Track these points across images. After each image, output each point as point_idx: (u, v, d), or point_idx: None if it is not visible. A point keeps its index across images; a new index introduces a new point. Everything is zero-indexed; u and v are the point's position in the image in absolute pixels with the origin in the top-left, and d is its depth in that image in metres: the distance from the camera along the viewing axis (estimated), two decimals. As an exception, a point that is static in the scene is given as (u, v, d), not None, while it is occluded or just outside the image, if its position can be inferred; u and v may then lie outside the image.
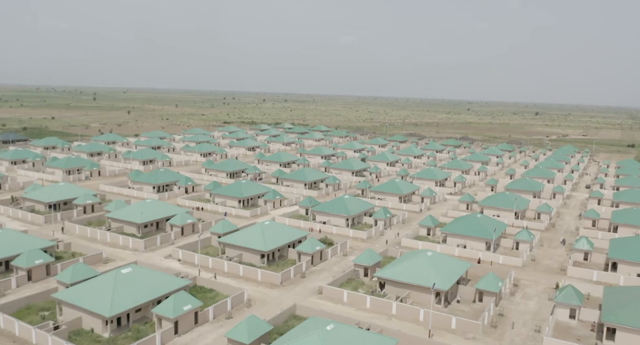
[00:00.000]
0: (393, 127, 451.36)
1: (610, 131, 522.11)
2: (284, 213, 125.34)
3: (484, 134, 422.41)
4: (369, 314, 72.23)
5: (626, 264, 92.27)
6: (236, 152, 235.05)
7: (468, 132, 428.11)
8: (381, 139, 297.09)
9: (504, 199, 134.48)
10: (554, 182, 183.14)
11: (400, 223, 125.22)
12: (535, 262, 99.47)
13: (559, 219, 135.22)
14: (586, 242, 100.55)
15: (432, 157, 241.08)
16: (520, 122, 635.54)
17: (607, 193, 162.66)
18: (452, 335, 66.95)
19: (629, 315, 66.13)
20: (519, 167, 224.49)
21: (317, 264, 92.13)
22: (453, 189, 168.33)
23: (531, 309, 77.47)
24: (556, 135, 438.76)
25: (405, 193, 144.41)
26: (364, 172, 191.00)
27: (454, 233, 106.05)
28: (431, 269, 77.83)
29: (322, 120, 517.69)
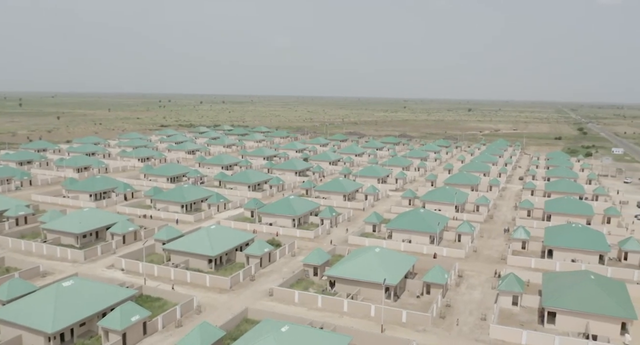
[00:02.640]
0: (333, 127, 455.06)
1: (538, 125, 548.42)
2: (229, 216, 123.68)
3: (421, 130, 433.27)
4: (321, 313, 72.46)
5: (561, 251, 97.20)
6: (176, 156, 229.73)
7: (406, 129, 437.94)
8: (322, 139, 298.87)
9: (444, 194, 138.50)
10: (489, 176, 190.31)
11: (346, 221, 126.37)
12: (477, 253, 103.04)
13: (497, 211, 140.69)
14: (523, 231, 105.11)
15: (372, 154, 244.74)
16: (454, 118, 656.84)
17: (539, 184, 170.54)
18: (403, 329, 68.24)
19: (567, 299, 69.70)
20: (456, 161, 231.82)
21: (266, 266, 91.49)
22: (395, 185, 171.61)
23: (476, 298, 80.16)
24: (489, 130, 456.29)
25: (349, 191, 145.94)
26: (307, 172, 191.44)
27: (398, 228, 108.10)
28: (380, 265, 79.03)
29: (261, 121, 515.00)
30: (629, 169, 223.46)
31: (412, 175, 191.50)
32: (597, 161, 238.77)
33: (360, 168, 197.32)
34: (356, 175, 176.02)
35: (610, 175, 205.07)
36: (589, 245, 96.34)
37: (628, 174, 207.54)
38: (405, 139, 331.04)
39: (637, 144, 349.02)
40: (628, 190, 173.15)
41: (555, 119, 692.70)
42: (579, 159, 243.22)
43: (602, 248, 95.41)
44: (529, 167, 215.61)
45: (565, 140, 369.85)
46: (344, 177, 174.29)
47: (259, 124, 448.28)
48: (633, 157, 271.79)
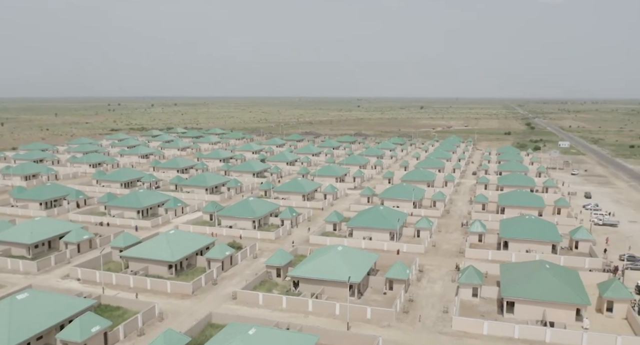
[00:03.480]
0: (289, 127, 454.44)
1: (488, 121, 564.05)
2: (188, 220, 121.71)
3: (375, 129, 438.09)
4: (286, 314, 72.27)
5: (516, 242, 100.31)
6: (129, 161, 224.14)
7: (361, 128, 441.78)
8: (278, 139, 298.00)
9: (402, 190, 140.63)
10: (444, 171, 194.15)
11: (306, 221, 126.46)
12: (436, 247, 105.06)
13: (453, 205, 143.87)
14: (479, 224, 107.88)
15: (329, 154, 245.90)
16: (407, 116, 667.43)
17: (492, 178, 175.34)
18: (368, 325, 68.90)
19: (524, 288, 72.00)
20: (411, 158, 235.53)
21: (228, 270, 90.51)
22: (353, 183, 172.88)
23: (437, 291, 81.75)
24: (441, 127, 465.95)
25: (308, 191, 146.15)
26: (264, 173, 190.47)
27: (359, 226, 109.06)
28: (343, 263, 79.51)
29: (215, 122, 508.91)
30: (575, 161, 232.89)
31: (369, 173, 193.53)
32: (546, 155, 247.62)
33: (317, 167, 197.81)
34: (314, 175, 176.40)
35: (558, 167, 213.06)
36: (542, 236, 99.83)
37: (575, 166, 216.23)
38: (360, 137, 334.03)
39: (581, 137, 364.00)
40: (575, 182, 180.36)
41: (504, 114, 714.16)
42: (528, 153, 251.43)
43: (554, 238, 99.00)
44: (482, 162, 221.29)
45: (514, 135, 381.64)
46: (302, 177, 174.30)
47: (213, 126, 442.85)
48: (578, 150, 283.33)
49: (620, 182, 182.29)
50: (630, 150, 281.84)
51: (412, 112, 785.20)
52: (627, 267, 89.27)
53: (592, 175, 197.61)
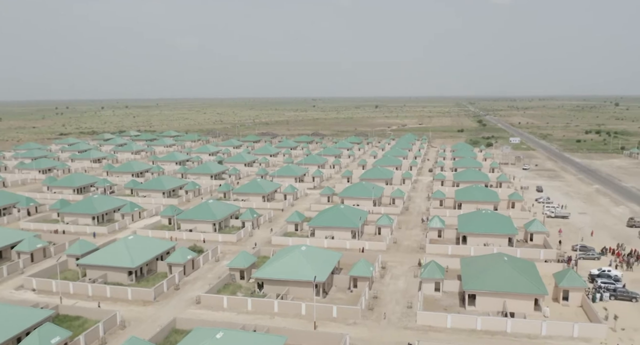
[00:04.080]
0: (244, 128, 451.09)
1: (441, 119, 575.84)
2: (146, 225, 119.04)
3: (332, 128, 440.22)
4: (252, 316, 71.70)
5: (474, 236, 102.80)
6: (80, 166, 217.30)
7: (317, 127, 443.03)
8: (235, 140, 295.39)
9: (361, 189, 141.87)
10: (401, 169, 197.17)
11: (267, 222, 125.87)
12: (397, 244, 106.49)
13: (411, 202, 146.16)
14: (438, 220, 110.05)
15: (287, 154, 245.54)
16: (362, 115, 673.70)
17: (448, 174, 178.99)
18: (335, 324, 69.19)
19: (484, 281, 73.90)
20: (369, 157, 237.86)
21: (190, 274, 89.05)
22: (312, 183, 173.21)
23: (401, 287, 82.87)
24: (396, 126, 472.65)
25: (268, 192, 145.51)
26: (222, 175, 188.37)
27: (320, 226, 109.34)
28: (307, 263, 79.52)
29: (169, 125, 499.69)
30: (526, 156, 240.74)
31: (328, 173, 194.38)
32: (498, 150, 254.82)
33: (276, 168, 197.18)
34: (273, 176, 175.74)
35: (510, 163, 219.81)
36: (498, 230, 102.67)
37: (526, 161, 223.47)
38: (318, 137, 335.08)
39: (531, 133, 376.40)
40: (527, 176, 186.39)
41: (456, 112, 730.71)
42: (481, 149, 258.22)
43: (510, 231, 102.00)
44: (437, 159, 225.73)
45: (467, 132, 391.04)
46: (261, 178, 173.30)
47: (167, 129, 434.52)
48: (529, 146, 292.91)
49: (569, 176, 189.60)
50: (577, 145, 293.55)
51: (367, 111, 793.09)
52: (579, 257, 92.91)
53: (543, 169, 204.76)
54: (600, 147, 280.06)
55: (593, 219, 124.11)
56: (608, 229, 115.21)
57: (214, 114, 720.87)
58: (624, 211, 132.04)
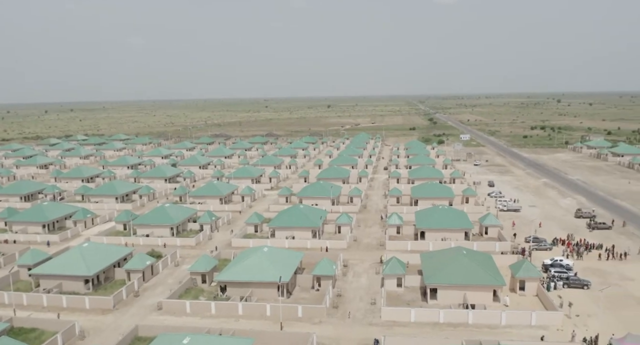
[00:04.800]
0: (197, 129, 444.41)
1: (392, 117, 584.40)
2: (100, 232, 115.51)
3: (285, 128, 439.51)
4: (216, 319, 70.81)
5: (431, 232, 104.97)
6: (26, 172, 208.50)
7: (271, 128, 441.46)
8: (188, 143, 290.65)
9: (319, 188, 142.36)
10: (357, 168, 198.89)
11: (226, 224, 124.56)
12: (357, 242, 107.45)
13: (369, 200, 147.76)
14: (397, 217, 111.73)
15: (242, 155, 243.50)
16: (315, 115, 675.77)
17: (403, 172, 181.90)
18: (301, 323, 69.24)
19: (445, 274, 75.62)
20: (324, 156, 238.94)
21: (149, 280, 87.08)
22: (269, 184, 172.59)
23: (363, 284, 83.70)
24: (349, 125, 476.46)
25: (225, 194, 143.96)
26: (177, 178, 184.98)
27: (281, 226, 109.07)
28: (270, 264, 79.23)
29: (118, 128, 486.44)
30: (477, 152, 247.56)
31: (284, 173, 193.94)
32: (449, 147, 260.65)
33: (232, 170, 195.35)
34: (230, 177, 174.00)
35: (461, 159, 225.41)
36: (455, 224, 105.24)
37: (476, 157, 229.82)
38: (272, 138, 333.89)
39: (479, 130, 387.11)
40: (478, 172, 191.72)
41: (407, 111, 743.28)
42: (434, 147, 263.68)
43: (466, 225, 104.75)
44: (391, 157, 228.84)
45: (418, 130, 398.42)
46: (217, 180, 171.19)
47: (116, 132, 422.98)
48: (478, 142, 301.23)
49: (518, 170, 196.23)
50: (523, 140, 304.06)
51: (320, 111, 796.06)
52: (533, 248, 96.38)
53: (493, 165, 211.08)
54: (546, 142, 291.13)
55: (543, 211, 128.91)
56: (557, 220, 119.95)
57: (164, 116, 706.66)
58: (571, 203, 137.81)
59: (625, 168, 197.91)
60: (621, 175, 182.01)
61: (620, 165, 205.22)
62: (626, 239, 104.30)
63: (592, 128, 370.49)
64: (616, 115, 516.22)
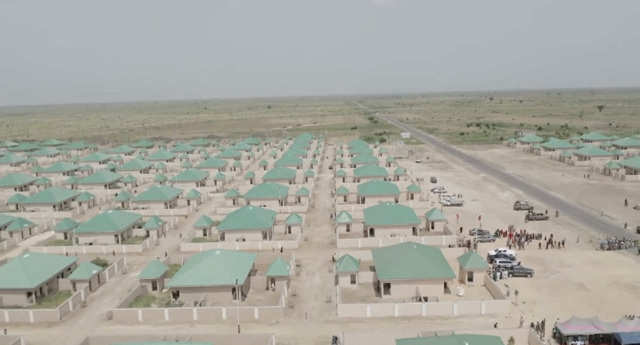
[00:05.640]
0: (134, 133, 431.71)
1: (333, 117, 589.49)
2: (39, 242, 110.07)
3: (227, 130, 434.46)
4: (170, 326, 69.28)
5: (380, 228, 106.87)
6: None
7: (212, 130, 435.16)
8: (126, 147, 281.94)
9: (267, 189, 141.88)
10: (302, 168, 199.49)
11: (173, 229, 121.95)
12: (308, 241, 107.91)
13: (316, 200, 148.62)
14: (346, 215, 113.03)
15: (184, 158, 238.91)
16: (256, 116, 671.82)
17: (348, 171, 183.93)
18: (258, 325, 68.87)
19: (397, 269, 77.25)
20: (269, 157, 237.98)
21: (96, 289, 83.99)
22: (214, 187, 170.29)
23: (317, 283, 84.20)
24: (291, 125, 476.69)
25: (170, 198, 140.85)
26: (118, 184, 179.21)
27: (230, 229, 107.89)
28: (224, 267, 78.31)
29: (50, 133, 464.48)
30: (417, 150, 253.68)
31: (229, 175, 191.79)
32: (391, 146, 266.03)
33: (175, 173, 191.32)
34: (173, 181, 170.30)
35: (404, 157, 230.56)
36: (402, 220, 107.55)
37: (418, 154, 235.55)
38: (214, 139, 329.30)
39: (419, 128, 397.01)
40: (420, 169, 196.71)
41: (348, 110, 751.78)
42: (376, 145, 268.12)
43: (413, 221, 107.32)
44: (336, 157, 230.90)
45: (360, 129, 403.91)
46: (160, 184, 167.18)
47: (47, 137, 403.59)
48: (418, 140, 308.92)
49: (458, 166, 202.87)
50: (461, 137, 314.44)
51: (261, 111, 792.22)
52: (477, 241, 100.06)
53: (434, 161, 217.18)
54: (482, 139, 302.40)
55: (484, 204, 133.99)
56: (498, 213, 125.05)
57: (98, 120, 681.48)
58: (510, 196, 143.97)
59: (556, 161, 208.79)
60: (553, 168, 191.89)
61: (551, 158, 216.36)
62: (562, 228, 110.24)
63: (524, 124, 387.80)
64: (545, 112, 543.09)
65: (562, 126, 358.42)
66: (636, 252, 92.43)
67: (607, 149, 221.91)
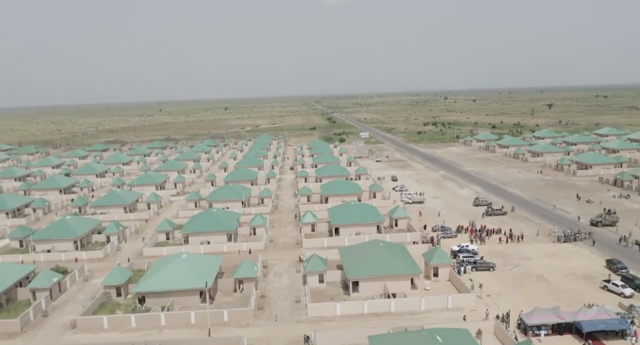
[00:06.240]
0: (88, 136, 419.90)
1: (292, 118, 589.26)
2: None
3: (184, 132, 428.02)
4: (138, 332, 67.93)
5: (345, 227, 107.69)
6: None
7: (168, 132, 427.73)
8: (80, 150, 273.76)
9: (229, 191, 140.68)
10: (264, 169, 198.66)
11: (134, 234, 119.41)
12: (274, 242, 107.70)
13: (279, 201, 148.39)
14: (311, 215, 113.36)
15: (142, 161, 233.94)
16: (213, 117, 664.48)
17: (310, 171, 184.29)
18: (228, 328, 68.31)
19: (365, 267, 78.11)
20: (229, 159, 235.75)
21: (57, 298, 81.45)
22: (175, 190, 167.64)
23: (285, 284, 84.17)
24: (250, 126, 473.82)
25: (129, 202, 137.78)
26: (73, 188, 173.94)
27: (194, 232, 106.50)
28: (191, 271, 77.31)
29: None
30: (377, 149, 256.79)
31: (189, 178, 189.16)
32: (351, 146, 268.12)
33: (133, 177, 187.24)
34: (132, 185, 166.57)
35: (364, 156, 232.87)
36: (367, 219, 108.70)
37: (377, 153, 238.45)
38: (172, 142, 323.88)
39: (377, 128, 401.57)
40: (381, 168, 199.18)
41: (305, 111, 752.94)
42: (336, 145, 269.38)
43: (377, 219, 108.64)
44: (296, 157, 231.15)
45: (319, 129, 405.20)
46: (117, 188, 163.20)
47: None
48: (377, 139, 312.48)
49: (417, 165, 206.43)
50: (418, 136, 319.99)
51: (218, 113, 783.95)
52: (440, 237, 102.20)
53: (393, 160, 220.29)
54: (439, 137, 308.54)
55: (445, 201, 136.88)
56: (458, 209, 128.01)
57: (48, 124, 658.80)
58: (469, 192, 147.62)
59: (511, 158, 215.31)
60: (508, 164, 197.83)
61: (506, 155, 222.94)
62: (520, 222, 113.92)
63: (478, 122, 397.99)
64: (497, 110, 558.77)
65: (514, 124, 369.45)
66: (591, 244, 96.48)
67: (558, 145, 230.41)
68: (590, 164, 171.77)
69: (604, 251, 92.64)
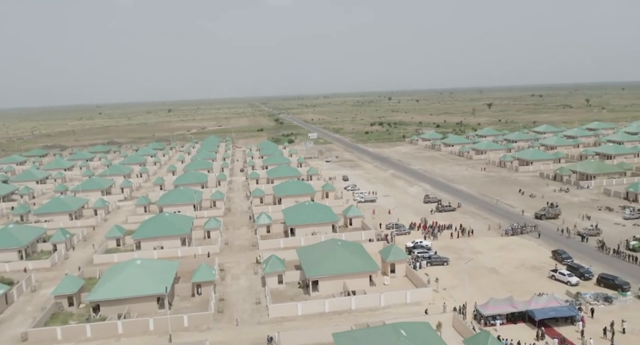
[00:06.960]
0: (24, 142, 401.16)
1: (238, 119, 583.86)
2: None
3: (127, 135, 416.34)
4: (94, 342, 65.84)
5: (301, 227, 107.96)
6: None
7: (110, 136, 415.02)
8: (17, 156, 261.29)
9: (180, 194, 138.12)
10: (213, 171, 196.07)
11: (82, 241, 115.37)
12: (229, 245, 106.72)
13: (232, 203, 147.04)
14: (266, 216, 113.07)
15: (84, 166, 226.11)
16: (157, 120, 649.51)
17: (261, 172, 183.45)
18: (188, 333, 67.32)
19: (324, 266, 78.71)
20: (177, 162, 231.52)
21: (4, 310, 77.65)
22: (122, 194, 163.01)
23: (244, 286, 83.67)
24: (196, 129, 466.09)
25: (75, 209, 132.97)
26: (12, 196, 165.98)
27: (146, 237, 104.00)
28: (147, 277, 75.52)
29: None
30: (326, 149, 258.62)
31: (136, 182, 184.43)
32: (300, 146, 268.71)
33: (76, 182, 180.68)
34: (76, 191, 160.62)
35: (313, 157, 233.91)
36: (322, 218, 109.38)
37: (327, 154, 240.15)
38: (115, 145, 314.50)
39: (324, 129, 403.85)
40: (331, 168, 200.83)
41: (252, 112, 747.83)
42: (285, 146, 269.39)
43: (332, 219, 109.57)
44: (246, 159, 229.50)
45: (266, 130, 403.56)
46: (61, 194, 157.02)
47: None
48: (326, 140, 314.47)
49: (367, 164, 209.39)
50: (366, 136, 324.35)
51: (161, 115, 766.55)
52: (394, 234, 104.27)
53: (343, 160, 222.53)
54: (386, 137, 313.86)
55: (396, 199, 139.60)
56: (409, 207, 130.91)
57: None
58: (418, 190, 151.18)
59: (456, 156, 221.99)
60: (454, 162, 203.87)
61: (452, 153, 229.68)
62: (469, 217, 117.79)
63: (423, 122, 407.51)
64: (440, 110, 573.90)
65: (457, 123, 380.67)
66: (536, 236, 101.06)
67: (500, 143, 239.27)
68: (531, 160, 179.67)
69: (549, 243, 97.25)
